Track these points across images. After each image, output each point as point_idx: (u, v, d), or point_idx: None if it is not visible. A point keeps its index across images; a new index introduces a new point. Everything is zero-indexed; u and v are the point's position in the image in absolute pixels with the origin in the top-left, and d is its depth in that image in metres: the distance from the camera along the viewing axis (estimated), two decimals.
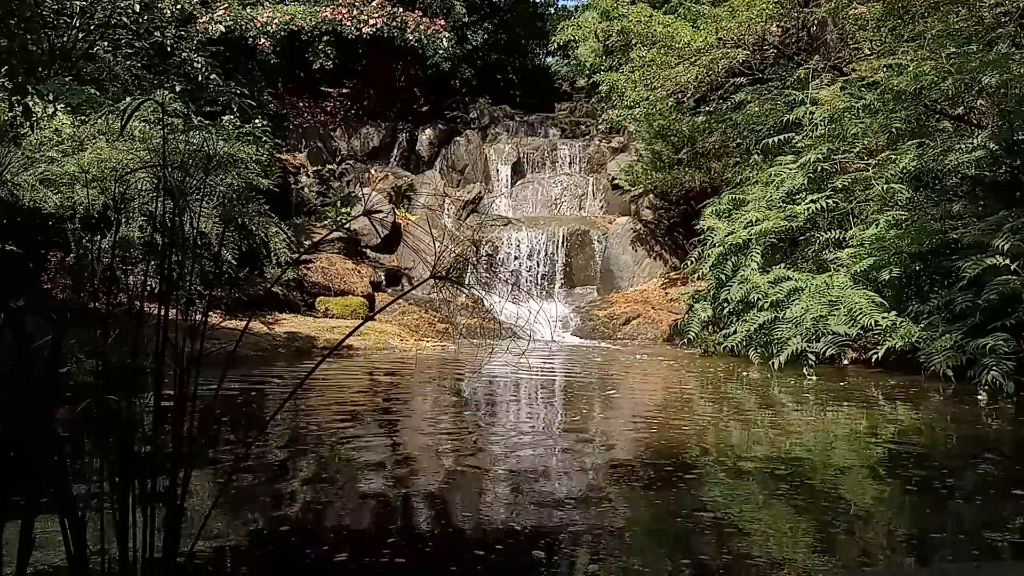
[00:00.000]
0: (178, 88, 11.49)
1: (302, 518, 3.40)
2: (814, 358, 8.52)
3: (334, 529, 3.24)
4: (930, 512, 3.68)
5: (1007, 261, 7.17)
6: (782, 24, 12.65)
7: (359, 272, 13.35)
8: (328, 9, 16.69)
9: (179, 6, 13.63)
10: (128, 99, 9.80)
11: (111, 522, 1.96)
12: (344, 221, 13.85)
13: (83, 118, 9.30)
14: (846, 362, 8.83)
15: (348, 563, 2.82)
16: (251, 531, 3.21)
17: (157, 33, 12.10)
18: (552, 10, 23.39)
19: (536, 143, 18.25)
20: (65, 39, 9.51)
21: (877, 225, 8.91)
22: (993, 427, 5.97)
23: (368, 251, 14.61)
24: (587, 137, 18.31)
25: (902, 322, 8.08)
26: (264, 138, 12.07)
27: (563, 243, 14.75)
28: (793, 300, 9.05)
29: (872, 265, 8.71)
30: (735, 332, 9.62)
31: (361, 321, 2.29)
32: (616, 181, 15.63)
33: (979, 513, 3.62)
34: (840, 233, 9.73)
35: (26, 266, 7.40)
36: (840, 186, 9.86)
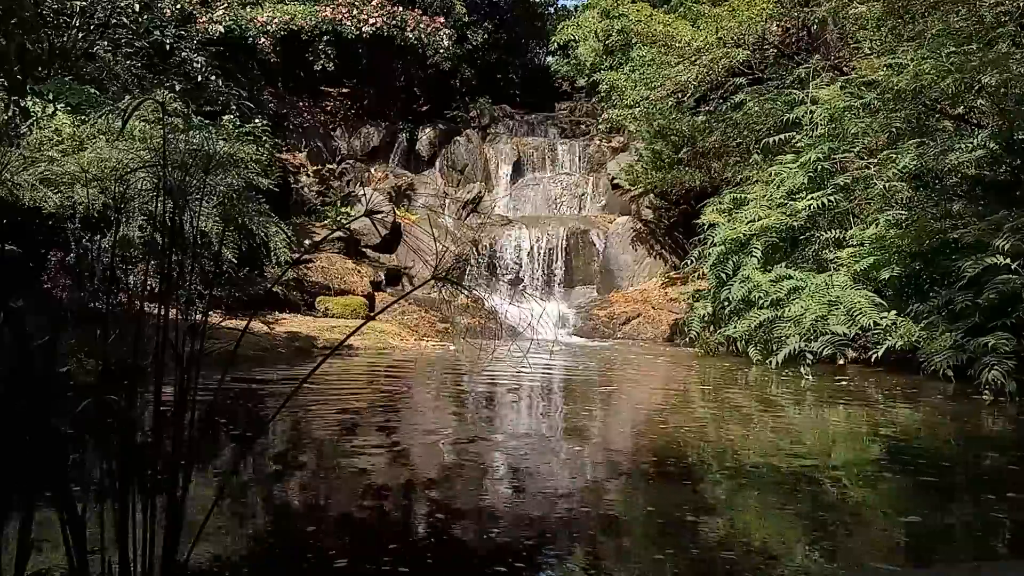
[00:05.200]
0: (178, 88, 11.48)
1: (302, 522, 3.39)
2: (812, 357, 8.51)
3: (334, 534, 3.23)
4: (930, 511, 3.68)
5: (1007, 260, 7.17)
6: (782, 24, 12.65)
7: (359, 272, 13.34)
8: (328, 8, 16.69)
9: (179, 6, 13.63)
10: (128, 98, 9.80)
11: (112, 522, 1.96)
12: (344, 221, 13.84)
13: (83, 118, 9.29)
14: (841, 361, 8.83)
15: (348, 570, 2.80)
16: (250, 535, 3.20)
17: (157, 33, 12.10)
18: (552, 10, 23.39)
19: (536, 143, 18.24)
20: (65, 39, 9.51)
21: (877, 224, 8.90)
22: (994, 426, 5.97)
23: (368, 251, 14.61)
24: (587, 137, 18.31)
25: (902, 321, 8.08)
26: (264, 138, 12.07)
27: (563, 243, 14.75)
28: (793, 299, 9.05)
29: (872, 264, 8.71)
30: (735, 331, 9.62)
31: (362, 321, 2.28)
32: (616, 181, 15.63)
33: (979, 512, 3.61)
34: (840, 232, 9.73)
35: (26, 266, 7.39)
36: (840, 185, 9.86)
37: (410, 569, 2.77)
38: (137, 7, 10.74)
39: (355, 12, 16.74)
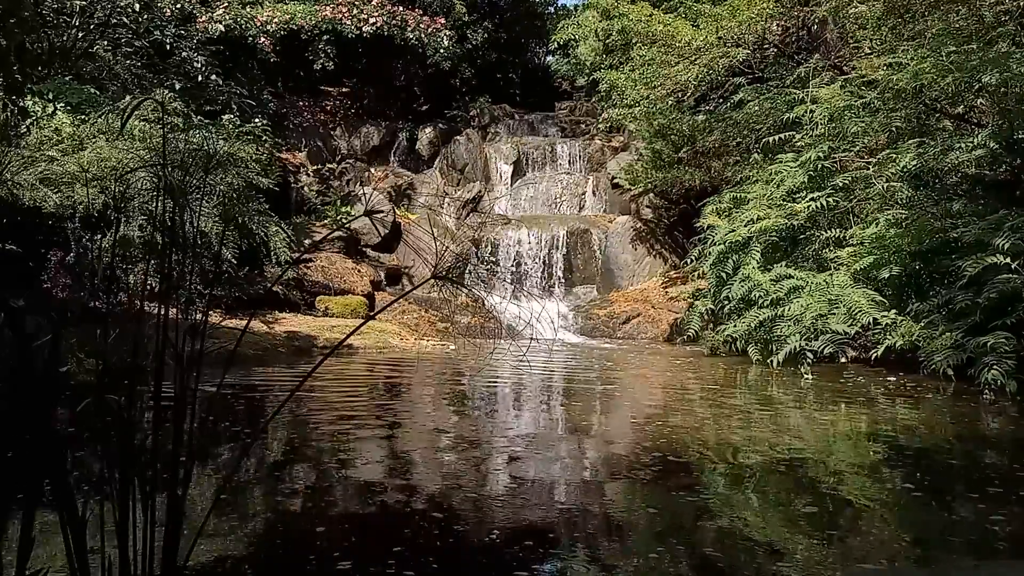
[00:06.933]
0: (178, 87, 11.48)
1: (304, 523, 3.39)
2: (812, 356, 8.51)
3: (337, 535, 3.23)
4: (930, 511, 3.67)
5: (1007, 260, 7.16)
6: (782, 23, 12.65)
7: (359, 271, 13.35)
8: (328, 8, 16.70)
9: (179, 5, 13.64)
10: (128, 98, 9.80)
11: (112, 522, 1.96)
12: (344, 220, 13.84)
13: (83, 117, 9.30)
14: (843, 360, 8.82)
15: (352, 571, 2.79)
16: (251, 536, 3.19)
17: (157, 32, 12.10)
18: (552, 9, 23.39)
19: (536, 142, 18.25)
20: (65, 38, 9.50)
21: (877, 224, 8.90)
22: (994, 426, 5.97)
23: (368, 250, 14.61)
24: (587, 136, 18.31)
25: (902, 320, 8.07)
26: (264, 137, 12.08)
27: (563, 242, 14.75)
28: (793, 298, 9.05)
29: (872, 264, 8.71)
30: (735, 330, 9.62)
31: (362, 321, 2.28)
32: (616, 180, 15.63)
33: (979, 512, 3.61)
34: (840, 232, 9.72)
35: (26, 265, 7.39)
36: (840, 184, 9.86)
37: (415, 572, 2.77)
38: (137, 6, 10.74)
39: (355, 11, 16.75)
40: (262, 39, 15.66)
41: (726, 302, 10.15)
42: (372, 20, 16.73)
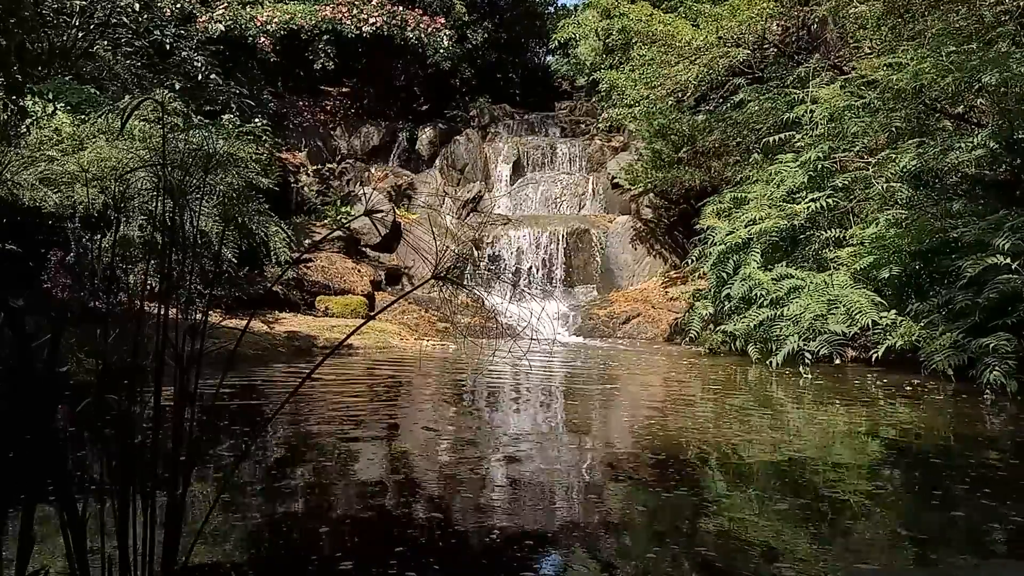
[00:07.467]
0: (178, 87, 11.48)
1: (305, 523, 3.39)
2: (810, 356, 8.51)
3: (338, 536, 3.23)
4: (930, 511, 3.67)
5: (1007, 260, 7.16)
6: (782, 23, 12.66)
7: (359, 271, 13.35)
8: (328, 8, 16.70)
9: (179, 5, 13.64)
10: (128, 98, 9.80)
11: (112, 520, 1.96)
12: (344, 220, 13.84)
13: (83, 117, 9.30)
14: (838, 361, 8.83)
15: (354, 572, 2.79)
16: (251, 536, 3.19)
17: (157, 32, 12.10)
18: (552, 9, 23.39)
19: (536, 142, 18.24)
20: (65, 38, 9.50)
21: (877, 224, 8.90)
22: (995, 426, 5.97)
23: (368, 250, 14.61)
24: (587, 136, 18.30)
25: (902, 321, 8.07)
26: (264, 137, 12.07)
27: (563, 242, 14.75)
28: (793, 298, 9.05)
29: (872, 264, 8.71)
30: (735, 327, 9.62)
31: (362, 321, 2.29)
32: (616, 180, 15.62)
33: (979, 512, 3.61)
34: (840, 232, 9.73)
35: (26, 266, 7.39)
36: (840, 185, 9.86)
37: (416, 573, 2.77)
38: (137, 6, 10.74)
39: (355, 11, 16.75)
40: (262, 39, 15.66)
41: (726, 302, 10.15)
42: (372, 20, 16.72)
